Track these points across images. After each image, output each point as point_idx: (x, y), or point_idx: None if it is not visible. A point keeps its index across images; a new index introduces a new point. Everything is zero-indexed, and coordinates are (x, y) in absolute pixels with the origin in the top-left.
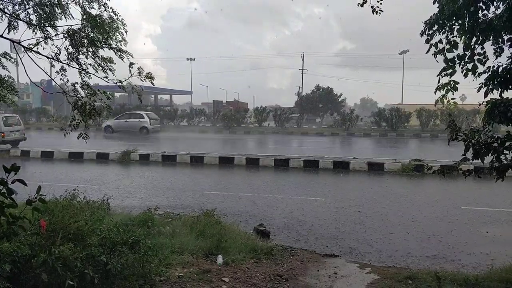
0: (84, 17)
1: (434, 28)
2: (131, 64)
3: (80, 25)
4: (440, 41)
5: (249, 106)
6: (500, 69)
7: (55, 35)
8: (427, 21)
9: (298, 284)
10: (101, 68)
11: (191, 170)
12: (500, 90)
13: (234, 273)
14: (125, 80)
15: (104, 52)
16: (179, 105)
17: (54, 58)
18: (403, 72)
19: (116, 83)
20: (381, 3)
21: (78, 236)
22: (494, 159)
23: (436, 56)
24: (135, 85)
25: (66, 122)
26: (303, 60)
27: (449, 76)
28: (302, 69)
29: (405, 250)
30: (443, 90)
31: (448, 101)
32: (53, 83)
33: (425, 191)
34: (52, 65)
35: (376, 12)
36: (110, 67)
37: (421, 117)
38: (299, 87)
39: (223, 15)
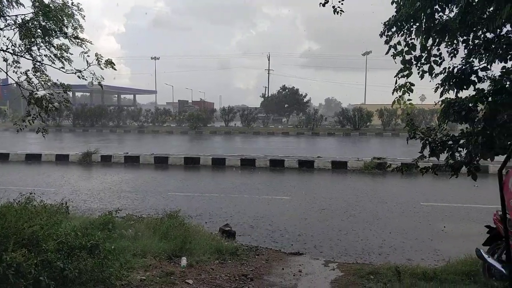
0: (36, 4)
1: (392, 30)
2: (83, 52)
3: (32, 14)
4: (399, 43)
5: (215, 106)
6: (455, 70)
7: (6, 26)
8: (386, 23)
9: (263, 283)
10: (57, 58)
11: (155, 171)
12: (455, 90)
13: (198, 274)
14: (84, 69)
15: (60, 41)
16: (143, 104)
17: (6, 50)
18: (365, 72)
19: (75, 73)
20: (342, 3)
21: (33, 241)
22: (449, 156)
23: (395, 58)
24: (97, 79)
25: (20, 121)
26: (269, 60)
27: (405, 78)
28: (268, 69)
29: (368, 246)
30: (400, 91)
31: (405, 102)
32: (9, 80)
33: (387, 188)
34: (4, 59)
35: (338, 12)
36: (67, 57)
37: (383, 116)
38: (265, 87)
39: (190, 14)
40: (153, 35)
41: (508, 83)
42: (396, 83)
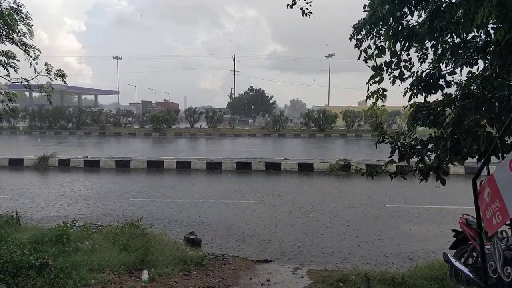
0: None
1: (362, 33)
2: (33, 59)
3: None
4: (369, 47)
5: (180, 107)
6: (424, 74)
7: None
8: (355, 26)
9: None
10: (1, 65)
11: (116, 176)
12: (424, 94)
13: None
14: (32, 79)
15: (6, 47)
16: (105, 105)
17: None
18: (329, 74)
19: (22, 82)
20: (310, 5)
21: None
22: (418, 161)
23: (367, 62)
24: (48, 84)
25: None
26: (234, 61)
27: (377, 84)
28: (234, 70)
29: (336, 250)
30: (373, 97)
31: (379, 108)
32: None
33: (352, 190)
34: None
35: (306, 14)
36: (12, 64)
37: (347, 118)
38: (232, 88)
39: (154, 14)
40: (116, 34)
41: (474, 87)
42: (368, 89)
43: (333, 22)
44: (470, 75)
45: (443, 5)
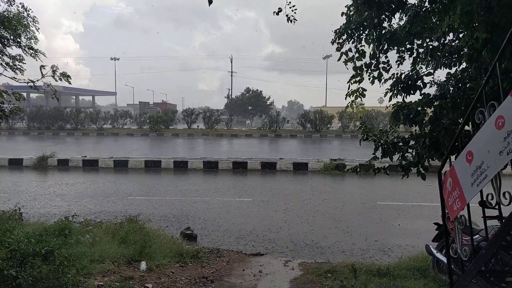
0: None
1: (343, 37)
2: (42, 66)
3: None
4: (350, 50)
5: (178, 108)
6: (403, 76)
7: None
8: (337, 30)
9: (223, 284)
10: (9, 67)
11: (115, 175)
12: (403, 94)
13: (158, 278)
14: (37, 80)
15: (12, 51)
16: (103, 106)
17: None
18: (326, 76)
19: (27, 83)
20: (295, 12)
21: None
22: (400, 157)
23: (347, 64)
24: (49, 84)
25: None
26: (231, 62)
27: (357, 83)
28: (231, 72)
29: (327, 245)
30: (352, 96)
31: (357, 106)
32: None
33: (346, 188)
34: None
35: (291, 21)
36: (19, 66)
37: (343, 119)
38: (229, 89)
39: (153, 15)
40: (114, 35)
41: (451, 88)
42: (349, 88)
43: (333, 23)
44: (449, 76)
45: (422, 10)
